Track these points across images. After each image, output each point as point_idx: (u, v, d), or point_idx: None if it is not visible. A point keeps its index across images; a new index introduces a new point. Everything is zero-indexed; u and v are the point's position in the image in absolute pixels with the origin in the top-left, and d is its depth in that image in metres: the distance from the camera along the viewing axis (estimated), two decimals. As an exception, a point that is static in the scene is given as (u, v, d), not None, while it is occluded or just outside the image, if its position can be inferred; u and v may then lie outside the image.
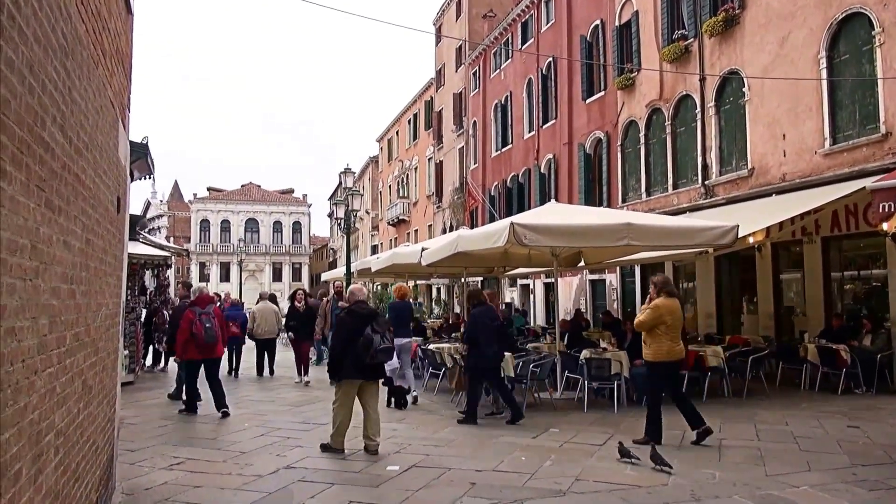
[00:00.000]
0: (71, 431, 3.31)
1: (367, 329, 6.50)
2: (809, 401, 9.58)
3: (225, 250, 72.01)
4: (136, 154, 7.28)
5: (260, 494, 5.32)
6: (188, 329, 8.64)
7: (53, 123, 2.74)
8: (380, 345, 6.47)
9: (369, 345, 6.43)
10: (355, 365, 6.50)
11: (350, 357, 6.49)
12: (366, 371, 6.59)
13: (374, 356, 6.47)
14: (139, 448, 6.94)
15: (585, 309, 20.56)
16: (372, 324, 6.56)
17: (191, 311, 8.77)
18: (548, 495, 5.25)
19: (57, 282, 2.91)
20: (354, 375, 6.58)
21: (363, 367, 6.53)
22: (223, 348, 9.32)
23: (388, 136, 47.40)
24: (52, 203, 2.77)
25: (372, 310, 6.93)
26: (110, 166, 4.44)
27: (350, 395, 6.66)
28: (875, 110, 11.19)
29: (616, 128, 19.17)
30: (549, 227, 8.79)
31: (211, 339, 8.72)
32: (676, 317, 7.09)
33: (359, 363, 6.49)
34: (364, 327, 6.51)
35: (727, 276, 15.70)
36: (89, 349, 3.82)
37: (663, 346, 6.99)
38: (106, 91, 4.10)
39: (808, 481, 5.53)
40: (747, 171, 13.98)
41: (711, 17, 14.97)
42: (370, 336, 6.45)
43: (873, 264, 12.14)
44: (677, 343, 7.10)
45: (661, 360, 7.01)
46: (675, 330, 7.05)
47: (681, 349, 7.18)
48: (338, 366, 6.59)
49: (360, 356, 6.46)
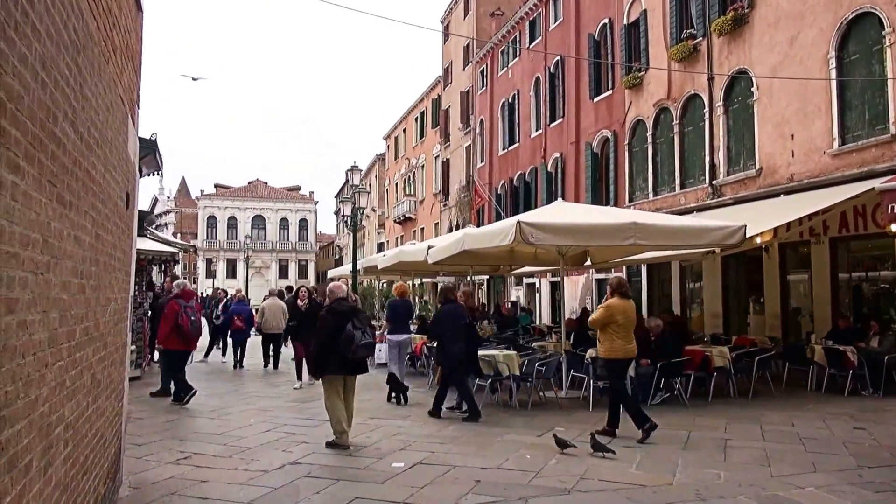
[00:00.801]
0: (80, 425, 3.34)
1: (349, 325, 6.67)
2: (816, 402, 9.54)
3: (231, 247, 72.19)
4: (145, 150, 7.33)
5: (265, 490, 5.35)
6: (174, 319, 9.08)
7: (65, 119, 2.76)
8: (361, 340, 6.66)
9: (350, 341, 6.60)
10: (339, 361, 6.70)
11: (333, 353, 6.69)
12: (349, 366, 6.79)
13: (355, 352, 6.66)
14: (146, 442, 6.98)
15: (592, 308, 20.51)
16: (353, 320, 6.74)
17: (176, 303, 9.21)
18: (552, 494, 5.26)
19: (67, 276, 2.94)
20: (338, 371, 6.78)
21: (346, 362, 6.72)
22: (196, 343, 10.05)
23: (395, 133, 47.42)
24: (64, 198, 2.79)
25: (352, 307, 7.13)
26: (120, 162, 4.47)
27: (336, 390, 6.84)
28: (884, 111, 11.13)
29: (623, 127, 19.13)
30: (556, 226, 8.79)
31: (196, 331, 9.42)
32: (628, 317, 7.40)
33: (342, 359, 6.68)
34: (345, 324, 6.68)
35: (734, 277, 15.65)
36: (98, 343, 3.85)
37: (615, 344, 7.33)
38: (116, 88, 4.13)
39: (814, 482, 5.52)
40: (755, 171, 13.93)
41: (720, 17, 14.92)
42: (351, 332, 6.63)
43: (881, 266, 12.08)
44: (629, 342, 7.41)
45: (614, 357, 7.39)
46: (626, 329, 7.37)
47: (633, 348, 7.49)
48: (321, 362, 6.79)
49: (342, 352, 6.65)
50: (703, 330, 14.95)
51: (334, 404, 6.80)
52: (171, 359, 9.53)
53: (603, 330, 7.41)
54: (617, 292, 7.50)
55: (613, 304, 7.40)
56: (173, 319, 9.09)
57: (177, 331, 9.13)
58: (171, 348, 9.29)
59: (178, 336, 9.19)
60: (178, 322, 9.10)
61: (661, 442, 7.01)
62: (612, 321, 7.32)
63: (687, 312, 16.81)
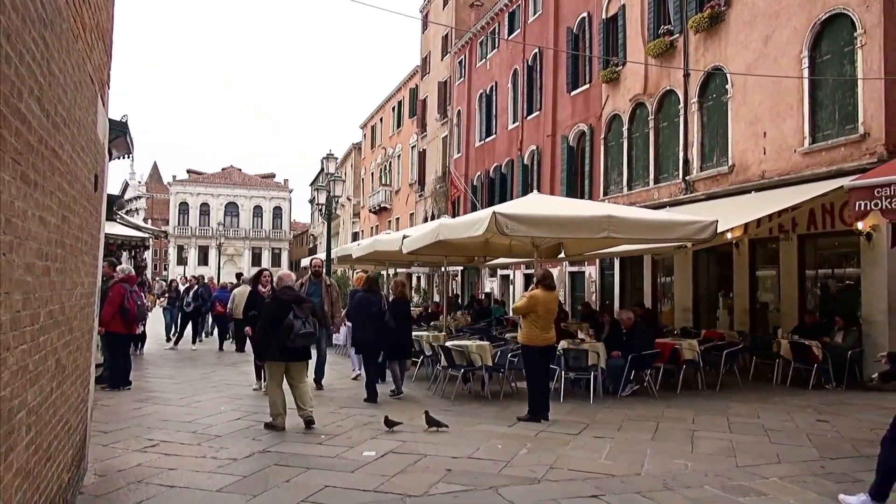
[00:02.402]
0: (43, 410, 3.27)
1: (290, 315, 6.89)
2: (781, 395, 9.74)
3: (204, 234, 71.25)
4: (115, 132, 7.18)
5: (234, 478, 5.30)
6: (120, 302, 9.18)
7: (31, 95, 2.68)
8: (300, 330, 6.88)
9: (289, 330, 6.84)
10: (279, 348, 6.95)
11: (274, 340, 6.95)
12: (288, 353, 7.01)
13: (293, 340, 6.87)
14: (113, 430, 6.87)
15: (564, 300, 20.68)
16: (294, 309, 6.95)
17: (122, 287, 9.32)
18: (523, 483, 5.29)
19: (31, 258, 2.86)
20: (279, 358, 7.04)
21: (287, 349, 6.95)
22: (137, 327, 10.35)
23: (372, 122, 47.10)
24: (28, 177, 2.72)
25: (296, 296, 7.34)
26: (88, 143, 4.36)
27: (278, 375, 7.10)
28: (854, 111, 11.33)
29: (600, 121, 19.23)
30: (531, 217, 8.81)
31: (142, 315, 9.66)
32: (549, 308, 7.81)
33: (282, 346, 6.92)
34: (287, 313, 6.91)
35: (705, 271, 15.86)
36: (63, 328, 3.76)
37: (533, 332, 7.72)
38: (85, 66, 4.02)
39: (778, 473, 5.63)
40: (728, 168, 14.11)
41: (697, 14, 15.04)
42: (291, 321, 6.87)
43: (847, 263, 12.33)
44: (548, 331, 7.80)
45: (531, 344, 7.77)
46: (545, 320, 7.75)
47: (551, 336, 7.87)
48: (263, 349, 7.16)
49: (283, 340, 6.87)
50: (673, 323, 15.15)
51: (274, 389, 7.08)
52: (113, 342, 9.51)
53: (524, 318, 7.81)
54: (541, 284, 7.86)
55: (537, 295, 7.77)
56: (119, 302, 9.16)
57: (121, 314, 9.23)
58: (113, 331, 9.27)
59: (121, 319, 9.28)
60: (125, 305, 9.21)
61: (631, 432, 7.11)
62: (533, 311, 7.70)
63: (658, 306, 17.01)
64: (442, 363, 9.47)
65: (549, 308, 7.80)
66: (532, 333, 7.74)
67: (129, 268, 10.28)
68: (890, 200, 7.29)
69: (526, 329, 7.80)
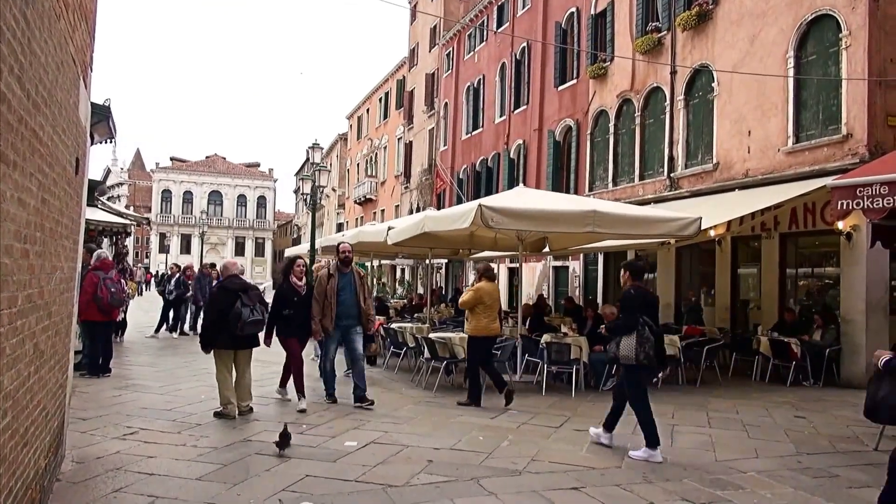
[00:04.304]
0: (20, 395, 3.22)
1: (238, 303, 6.95)
2: (760, 391, 9.86)
3: (186, 222, 70.64)
4: (98, 116, 7.04)
5: (215, 466, 5.27)
6: (93, 291, 9.05)
7: (10, 74, 2.62)
8: (249, 318, 6.95)
9: (237, 318, 6.90)
10: (227, 336, 6.99)
11: (222, 329, 6.97)
12: (237, 341, 7.08)
13: (242, 328, 6.93)
14: (92, 417, 6.81)
15: (548, 295, 20.76)
16: (242, 298, 7.01)
17: (95, 275, 9.17)
18: (504, 474, 5.31)
19: (9, 240, 2.81)
20: (228, 346, 7.09)
21: (235, 337, 7.01)
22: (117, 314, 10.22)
23: (359, 113, 46.85)
24: (7, 157, 2.66)
25: (243, 284, 7.36)
26: (69, 125, 4.29)
27: (226, 363, 7.14)
28: (838, 112, 11.44)
29: (587, 116, 19.27)
30: (516, 211, 8.82)
31: (117, 303, 9.45)
32: (494, 298, 8.22)
33: (231, 334, 6.97)
34: (235, 301, 6.96)
35: (687, 268, 15.99)
36: (42, 312, 3.70)
37: (481, 323, 8.10)
38: (67, 46, 3.95)
39: (756, 468, 5.70)
40: (712, 166, 14.20)
41: (685, 11, 15.09)
42: (239, 310, 6.92)
43: (827, 262, 12.48)
44: (493, 321, 8.19)
45: (479, 334, 8.13)
46: (491, 310, 8.14)
47: (496, 327, 8.29)
48: (210, 338, 7.10)
49: (231, 328, 6.92)
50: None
51: (223, 377, 7.11)
52: (92, 329, 9.40)
53: (472, 310, 8.15)
54: (484, 276, 8.37)
55: (482, 287, 8.20)
56: (92, 291, 9.00)
57: (95, 302, 9.08)
58: (90, 319, 9.14)
59: (97, 307, 9.14)
60: (98, 294, 9.06)
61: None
62: (480, 302, 8.09)
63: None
64: (425, 355, 9.47)
65: (494, 297, 8.21)
66: (480, 324, 8.10)
67: (105, 252, 10.11)
68: (871, 200, 7.38)
69: (474, 321, 8.15)
